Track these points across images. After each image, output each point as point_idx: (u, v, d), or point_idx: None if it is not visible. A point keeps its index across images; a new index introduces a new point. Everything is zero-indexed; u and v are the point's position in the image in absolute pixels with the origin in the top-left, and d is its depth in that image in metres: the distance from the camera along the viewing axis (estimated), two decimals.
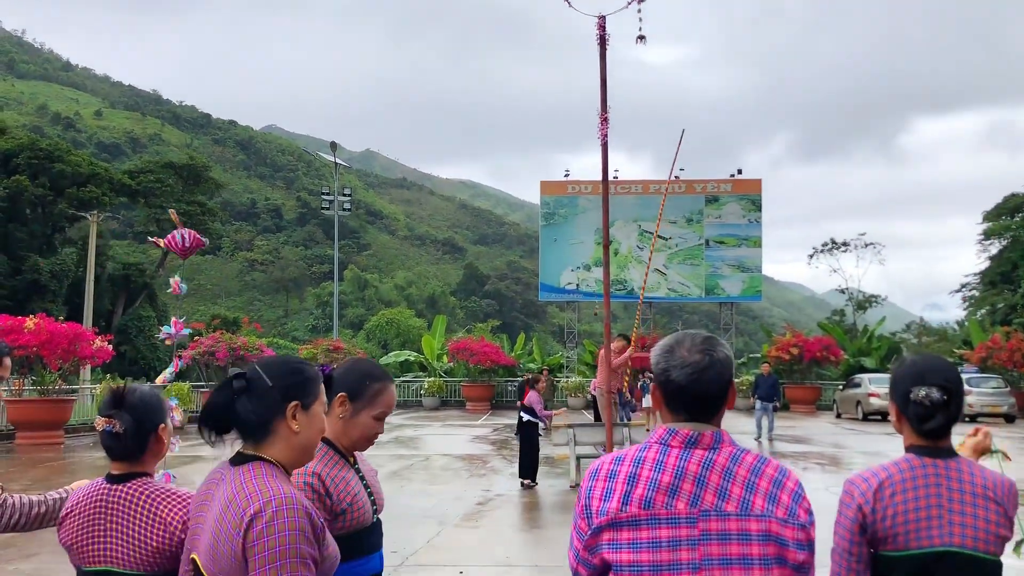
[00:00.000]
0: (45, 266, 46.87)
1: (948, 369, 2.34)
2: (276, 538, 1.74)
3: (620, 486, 1.77)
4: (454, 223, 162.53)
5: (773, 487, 1.75)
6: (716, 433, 1.80)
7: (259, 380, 1.92)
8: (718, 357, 1.83)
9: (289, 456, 1.94)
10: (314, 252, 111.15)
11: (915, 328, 60.52)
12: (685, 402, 1.82)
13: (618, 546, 1.74)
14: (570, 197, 37.94)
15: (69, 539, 2.37)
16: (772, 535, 1.71)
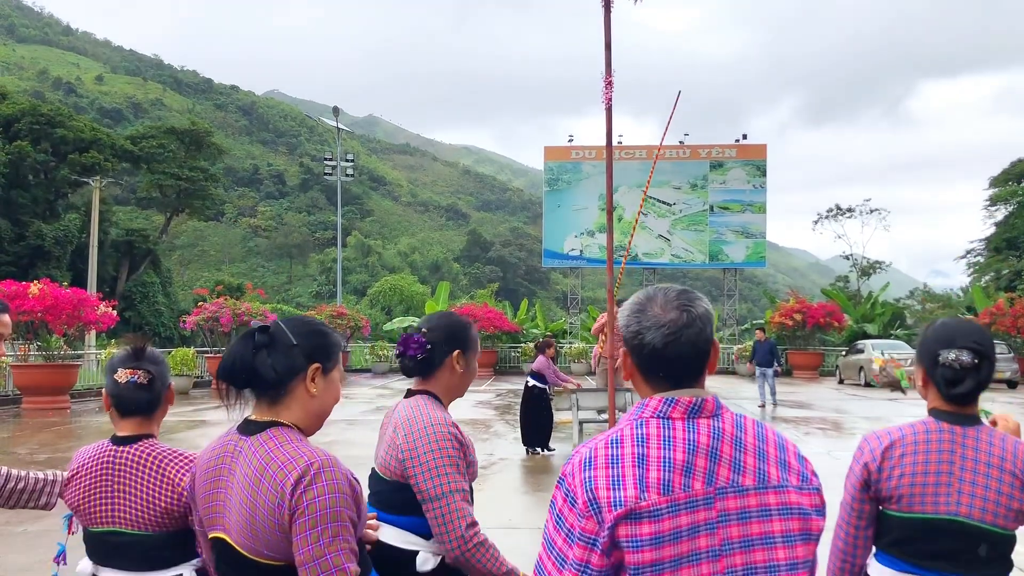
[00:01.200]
0: (48, 232, 46.87)
1: (980, 332, 2.25)
2: (318, 501, 1.70)
3: (630, 470, 1.49)
4: (457, 189, 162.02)
5: (780, 452, 1.57)
6: (715, 398, 1.58)
7: (283, 336, 1.87)
8: (697, 313, 1.59)
9: (303, 420, 1.89)
10: (317, 218, 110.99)
11: (919, 294, 60.43)
12: (663, 367, 1.57)
13: (639, 543, 1.45)
14: (574, 163, 37.78)
15: (76, 500, 2.39)
16: (793, 507, 1.52)
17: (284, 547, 1.73)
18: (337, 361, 1.95)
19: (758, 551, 1.50)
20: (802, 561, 1.52)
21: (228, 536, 1.81)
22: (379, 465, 2.40)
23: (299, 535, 1.69)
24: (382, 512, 2.33)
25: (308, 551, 1.68)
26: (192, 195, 56.93)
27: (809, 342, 30.44)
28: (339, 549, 1.70)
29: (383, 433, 2.48)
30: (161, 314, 51.46)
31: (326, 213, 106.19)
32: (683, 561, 1.46)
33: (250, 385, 1.86)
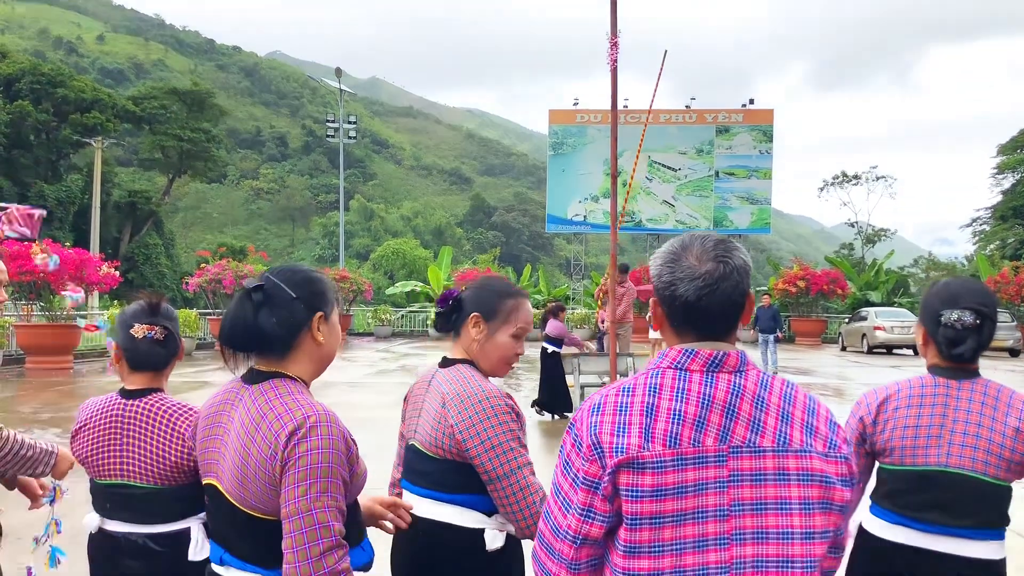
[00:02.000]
0: (51, 192, 46.74)
1: (983, 293, 2.26)
2: (310, 456, 1.67)
3: (637, 419, 1.44)
4: (461, 153, 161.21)
5: (808, 416, 1.48)
6: (741, 354, 1.50)
7: (280, 291, 1.82)
8: (735, 264, 1.50)
9: (311, 369, 1.86)
10: (320, 181, 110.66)
11: (923, 262, 60.30)
12: (695, 320, 1.50)
13: (638, 493, 1.41)
14: (579, 126, 37.50)
15: (83, 452, 2.39)
16: (815, 474, 1.44)
17: (272, 500, 1.70)
18: (335, 304, 1.92)
19: (771, 515, 1.43)
20: (820, 531, 1.44)
21: (220, 484, 1.79)
22: (423, 442, 2.25)
23: (287, 488, 1.66)
24: (436, 492, 2.21)
25: (294, 504, 1.65)
26: (194, 157, 56.68)
27: (812, 309, 30.43)
28: (326, 506, 1.66)
29: (418, 405, 2.34)
30: (164, 276, 51.49)
31: (329, 176, 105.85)
32: (687, 517, 1.41)
33: (256, 346, 1.82)
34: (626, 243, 75.09)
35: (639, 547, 1.41)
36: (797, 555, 1.42)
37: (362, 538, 1.89)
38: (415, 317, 33.12)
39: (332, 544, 1.65)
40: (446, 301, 2.38)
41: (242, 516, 1.75)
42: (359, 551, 1.85)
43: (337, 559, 1.65)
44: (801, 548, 1.43)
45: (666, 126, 37.40)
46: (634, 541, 1.42)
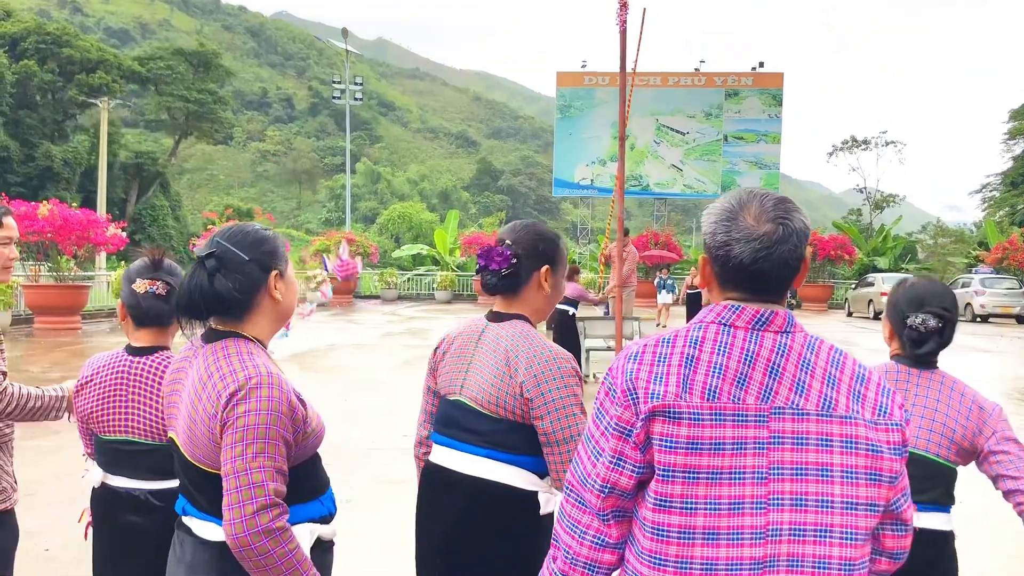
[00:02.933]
0: (57, 153, 46.66)
1: (946, 296, 2.45)
2: (248, 417, 1.70)
3: (676, 368, 1.40)
4: (468, 116, 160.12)
5: (857, 383, 1.42)
6: (789, 314, 1.45)
7: (233, 255, 1.83)
8: (794, 227, 1.44)
9: (269, 328, 1.89)
10: (326, 143, 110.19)
11: (931, 229, 59.94)
12: (746, 282, 1.45)
13: (672, 444, 1.36)
14: (587, 89, 37.17)
15: (88, 408, 2.41)
16: (860, 441, 1.38)
17: (217, 455, 1.74)
18: (287, 259, 1.93)
19: (811, 481, 1.37)
20: (865, 503, 1.39)
21: (177, 438, 1.84)
22: (477, 399, 2.16)
23: (226, 447, 1.70)
24: (492, 451, 2.13)
25: (231, 464, 1.69)
26: (200, 118, 56.41)
27: (819, 275, 30.36)
28: (262, 466, 1.69)
29: (466, 359, 2.24)
30: (171, 237, 51.50)
31: (335, 138, 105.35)
32: (723, 476, 1.36)
33: (215, 312, 1.83)
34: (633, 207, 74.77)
35: (671, 501, 1.37)
36: (836, 524, 1.37)
37: (321, 492, 1.92)
38: (421, 280, 33.16)
39: (266, 503, 1.68)
40: (506, 261, 2.23)
41: (194, 469, 1.80)
42: (317, 504, 1.89)
43: (271, 518, 1.68)
44: (841, 518, 1.37)
45: (675, 89, 37.05)
46: (666, 495, 1.37)
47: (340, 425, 8.08)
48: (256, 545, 1.66)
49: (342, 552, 4.83)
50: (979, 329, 22.75)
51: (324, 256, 3.99)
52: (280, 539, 1.68)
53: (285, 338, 2.68)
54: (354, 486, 5.99)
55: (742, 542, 1.35)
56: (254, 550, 1.66)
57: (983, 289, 25.26)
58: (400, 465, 6.65)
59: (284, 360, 12.82)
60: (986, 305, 25.00)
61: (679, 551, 1.37)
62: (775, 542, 1.36)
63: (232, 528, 1.67)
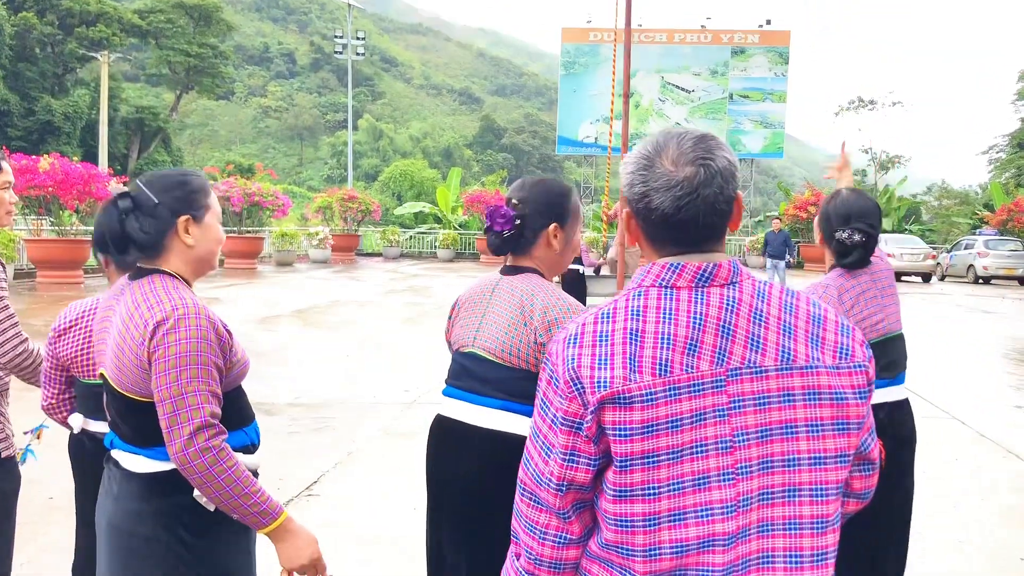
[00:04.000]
0: (58, 107, 46.34)
1: (872, 212, 2.76)
2: (178, 345, 1.77)
3: (620, 347, 1.27)
4: (471, 72, 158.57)
5: (814, 326, 1.32)
6: (733, 263, 1.33)
7: (145, 198, 1.88)
8: (718, 167, 1.30)
9: (187, 269, 1.93)
10: (328, 99, 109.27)
11: (936, 190, 59.61)
12: (674, 233, 1.32)
13: (627, 432, 1.24)
14: (591, 45, 36.76)
15: (69, 352, 2.49)
16: (823, 391, 1.29)
17: (144, 383, 1.81)
18: (208, 206, 1.95)
19: (776, 442, 1.28)
20: (833, 455, 1.30)
21: (106, 372, 1.90)
22: (491, 349, 2.14)
23: (157, 375, 1.77)
24: (508, 401, 2.12)
25: (166, 390, 1.76)
26: (202, 72, 55.94)
27: None
28: (196, 390, 1.76)
29: (479, 311, 2.23)
30: None
31: (337, 94, 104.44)
32: (684, 453, 1.25)
33: (125, 251, 1.89)
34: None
35: (631, 490, 1.26)
36: (805, 483, 1.29)
37: (245, 424, 1.98)
38: (423, 239, 33.10)
39: (203, 423, 1.75)
40: (509, 222, 2.19)
41: (121, 399, 1.86)
42: (242, 434, 1.95)
43: (208, 437, 1.75)
44: (810, 475, 1.29)
45: (680, 46, 36.65)
46: (625, 484, 1.26)
47: (343, 380, 8.13)
48: (196, 464, 1.73)
49: (347, 502, 4.91)
50: (981, 290, 22.74)
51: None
52: (220, 457, 1.75)
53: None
54: (358, 439, 6.04)
55: (712, 518, 1.26)
56: (196, 469, 1.74)
57: (986, 251, 25.22)
58: (403, 419, 6.71)
59: (286, 316, 12.87)
60: (989, 267, 24.99)
61: (646, 539, 1.27)
62: (746, 511, 1.27)
63: (173, 450, 1.75)
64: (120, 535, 1.87)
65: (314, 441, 5.95)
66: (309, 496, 4.80)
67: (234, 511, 1.79)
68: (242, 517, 1.80)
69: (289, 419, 6.57)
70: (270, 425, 6.30)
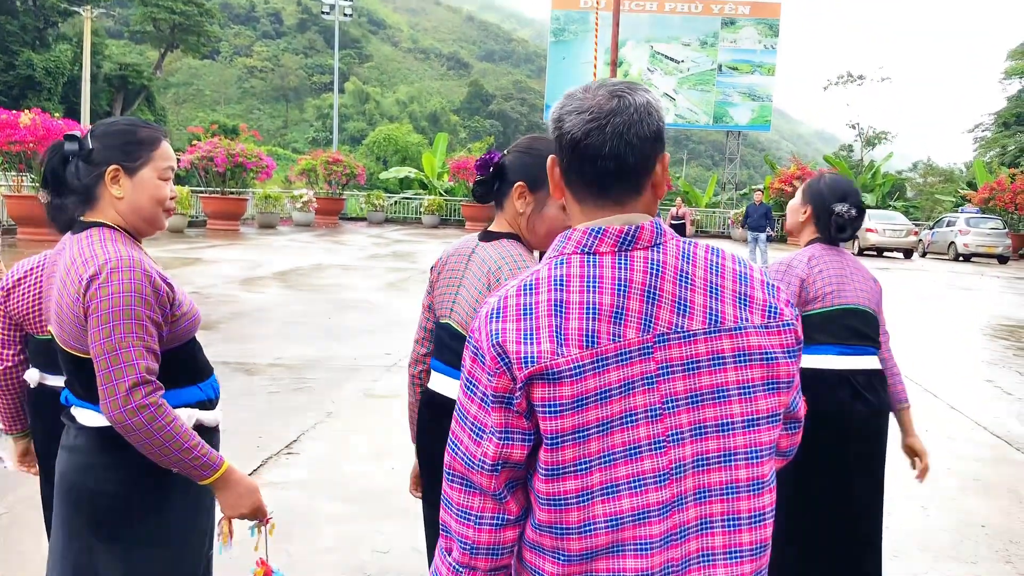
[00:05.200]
0: (39, 62, 45.57)
1: (858, 194, 2.94)
2: (111, 300, 1.73)
3: (545, 320, 1.22)
4: (460, 37, 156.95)
5: (740, 285, 1.29)
6: (656, 223, 1.28)
7: (85, 143, 1.86)
8: (633, 100, 1.26)
9: (123, 222, 1.89)
10: (315, 60, 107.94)
11: (921, 167, 59.85)
12: (585, 169, 1.27)
13: (557, 408, 1.20)
14: (582, 12, 36.45)
15: (21, 309, 2.45)
16: (753, 352, 1.26)
17: (84, 339, 1.78)
18: (147, 160, 1.89)
19: (708, 407, 1.25)
20: (766, 415, 1.28)
21: (53, 329, 1.88)
22: (462, 322, 2.08)
23: (92, 330, 1.74)
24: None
25: (100, 345, 1.73)
26: (187, 30, 55.15)
27: None
28: (131, 345, 1.73)
29: (456, 280, 2.15)
30: None
31: (324, 56, 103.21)
32: (614, 424, 1.21)
33: (61, 194, 1.88)
34: None
35: (563, 467, 1.22)
36: (740, 446, 1.26)
37: (201, 379, 1.96)
38: (408, 204, 32.98)
39: (138, 380, 1.72)
40: (486, 167, 2.13)
41: (67, 355, 1.86)
42: (196, 390, 1.94)
43: (144, 394, 1.72)
44: (744, 437, 1.27)
45: (671, 16, 36.41)
46: (556, 462, 1.22)
47: (324, 342, 8.15)
48: (132, 422, 1.71)
49: (326, 461, 4.95)
50: (961, 268, 22.96)
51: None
52: (156, 414, 1.72)
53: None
54: (337, 400, 6.08)
55: (645, 488, 1.23)
56: (132, 427, 1.71)
57: (967, 228, 25.44)
58: (383, 381, 6.75)
59: (268, 278, 12.85)
60: (969, 244, 25.21)
61: (580, 515, 1.23)
62: (679, 479, 1.24)
63: (108, 407, 1.72)
64: (72, 487, 1.87)
65: (294, 401, 5.98)
66: (288, 454, 4.84)
67: (173, 465, 1.77)
68: (182, 471, 1.79)
69: (269, 379, 6.59)
70: (250, 385, 6.33)
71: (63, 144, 1.86)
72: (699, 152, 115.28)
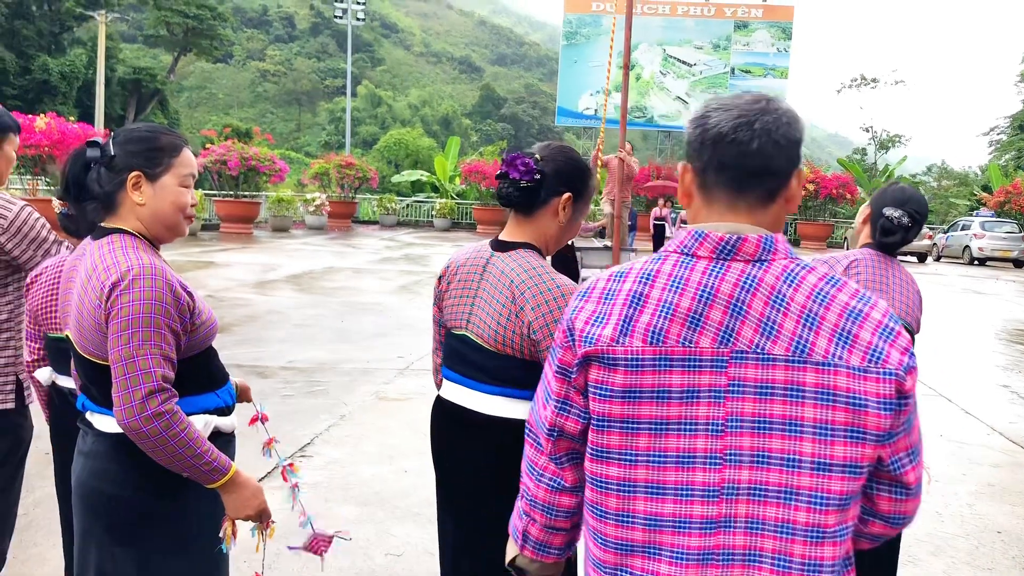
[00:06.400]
0: (54, 66, 45.97)
1: (924, 204, 2.80)
2: (131, 307, 1.74)
3: (620, 308, 1.25)
4: (472, 40, 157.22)
5: (847, 321, 1.20)
6: (767, 238, 1.25)
7: (107, 150, 1.86)
8: (782, 107, 1.27)
9: (144, 228, 1.90)
10: (327, 64, 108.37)
11: (936, 171, 59.54)
12: (727, 166, 1.26)
13: (607, 392, 1.25)
14: (594, 15, 36.47)
15: (36, 305, 2.46)
16: (839, 393, 1.18)
17: (104, 347, 1.79)
18: (169, 166, 1.89)
19: (775, 437, 1.20)
20: (842, 463, 1.19)
21: (71, 335, 1.89)
22: (484, 336, 2.06)
23: (112, 336, 1.74)
24: (508, 388, 2.05)
25: (118, 351, 1.73)
26: (200, 34, 55.42)
27: (820, 213, 30.25)
28: (148, 353, 1.74)
29: (470, 291, 2.13)
30: None
31: (336, 60, 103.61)
32: (670, 427, 1.23)
33: (83, 199, 1.89)
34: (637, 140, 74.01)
35: (607, 452, 1.27)
36: (804, 487, 1.20)
37: (218, 385, 1.97)
38: (420, 207, 33.02)
39: (154, 388, 1.73)
40: (529, 173, 2.05)
41: (86, 362, 1.86)
42: (213, 396, 1.95)
43: (160, 401, 1.73)
44: (811, 479, 1.20)
45: (683, 19, 36.38)
46: (602, 445, 1.27)
47: (336, 345, 8.17)
48: (147, 429, 1.71)
49: (339, 463, 4.97)
50: (976, 271, 22.82)
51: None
52: (171, 422, 1.73)
53: None
54: (349, 403, 6.10)
55: (692, 499, 1.23)
56: (146, 434, 1.72)
57: (983, 232, 25.29)
58: (396, 384, 6.76)
59: (281, 281, 12.89)
60: (984, 248, 25.06)
61: (619, 504, 1.27)
62: (731, 501, 1.22)
63: (123, 414, 1.73)
64: (90, 493, 1.88)
65: (307, 404, 6.00)
66: (302, 457, 4.86)
67: (184, 471, 1.79)
68: (192, 475, 1.81)
69: (282, 382, 6.62)
70: (263, 388, 6.35)
71: (85, 150, 1.86)
72: None
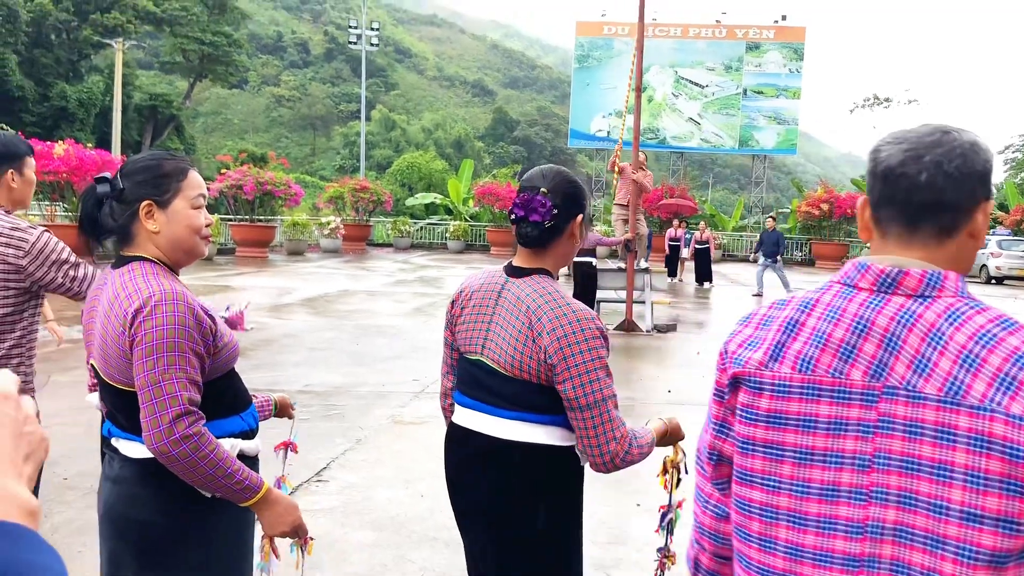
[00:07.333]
0: (72, 93, 46.59)
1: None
2: (155, 332, 1.76)
3: (774, 335, 1.26)
4: (484, 64, 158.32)
5: (1014, 367, 1.11)
6: (932, 274, 1.19)
7: (116, 184, 1.89)
8: (960, 139, 1.21)
9: (161, 255, 1.92)
10: (341, 90, 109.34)
11: None
12: (898, 202, 1.22)
13: (752, 416, 1.25)
14: (606, 39, 36.71)
15: (85, 330, 2.47)
16: (995, 441, 1.09)
17: (130, 373, 1.80)
18: (177, 190, 1.91)
19: (923, 479, 1.14)
20: (994, 517, 1.09)
21: (96, 363, 1.91)
22: (500, 362, 2.06)
23: (137, 362, 1.76)
24: (524, 413, 2.04)
25: (144, 377, 1.75)
26: (215, 61, 56.11)
27: (835, 233, 30.14)
28: (174, 377, 1.76)
29: (485, 317, 2.14)
30: None
31: (350, 85, 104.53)
32: (815, 458, 1.21)
33: (98, 236, 1.91)
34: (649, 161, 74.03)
35: (751, 475, 1.27)
36: (952, 536, 1.12)
37: (241, 409, 1.98)
38: (434, 230, 33.12)
39: (181, 411, 1.75)
40: (549, 213, 2.07)
41: (111, 389, 1.87)
42: (238, 420, 1.96)
43: (187, 424, 1.75)
44: (959, 529, 1.12)
45: (695, 41, 36.54)
46: (746, 468, 1.28)
47: (352, 368, 8.17)
48: (176, 452, 1.73)
49: (356, 487, 4.94)
50: (993, 291, 22.64)
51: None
52: (199, 443, 1.75)
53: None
54: (365, 427, 6.09)
55: (835, 533, 1.20)
56: (176, 457, 1.74)
57: (999, 251, 25.11)
58: (411, 407, 6.75)
59: (296, 304, 12.93)
60: (1002, 267, 24.88)
61: (762, 528, 1.26)
62: (876, 540, 1.17)
63: (152, 439, 1.74)
64: (118, 518, 1.89)
65: (323, 427, 5.99)
66: (319, 481, 4.84)
67: (217, 491, 1.81)
68: (225, 495, 1.82)
69: (299, 406, 6.58)
70: None
71: (95, 187, 1.89)
72: (725, 176, 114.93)
